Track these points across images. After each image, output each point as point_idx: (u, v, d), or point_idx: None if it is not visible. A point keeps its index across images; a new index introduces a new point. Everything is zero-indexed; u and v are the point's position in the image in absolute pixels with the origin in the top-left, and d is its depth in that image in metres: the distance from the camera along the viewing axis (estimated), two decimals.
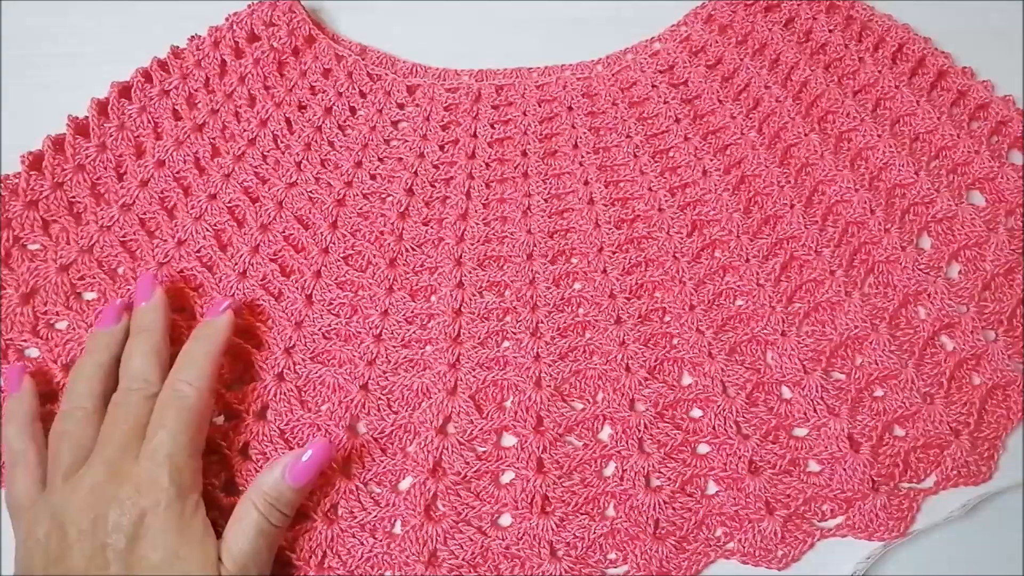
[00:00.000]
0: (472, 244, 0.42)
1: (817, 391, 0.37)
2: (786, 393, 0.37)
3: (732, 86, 0.47)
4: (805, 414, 0.36)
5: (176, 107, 0.46)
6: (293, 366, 0.38)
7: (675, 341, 0.39)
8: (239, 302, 0.40)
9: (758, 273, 0.40)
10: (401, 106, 0.47)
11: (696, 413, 0.37)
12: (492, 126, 0.46)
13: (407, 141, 0.46)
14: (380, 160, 0.45)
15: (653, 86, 0.47)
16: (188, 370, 0.34)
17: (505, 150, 0.45)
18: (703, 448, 0.36)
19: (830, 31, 0.48)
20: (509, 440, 0.37)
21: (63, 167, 0.43)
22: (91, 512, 0.30)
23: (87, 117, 0.44)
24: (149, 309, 0.37)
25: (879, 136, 0.44)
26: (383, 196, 0.44)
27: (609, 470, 0.36)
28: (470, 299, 0.40)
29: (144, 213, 0.42)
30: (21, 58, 0.49)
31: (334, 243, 0.42)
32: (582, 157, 0.45)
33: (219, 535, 0.32)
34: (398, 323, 0.39)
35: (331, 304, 0.40)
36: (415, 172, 0.44)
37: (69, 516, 0.30)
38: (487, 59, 0.49)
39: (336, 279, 0.41)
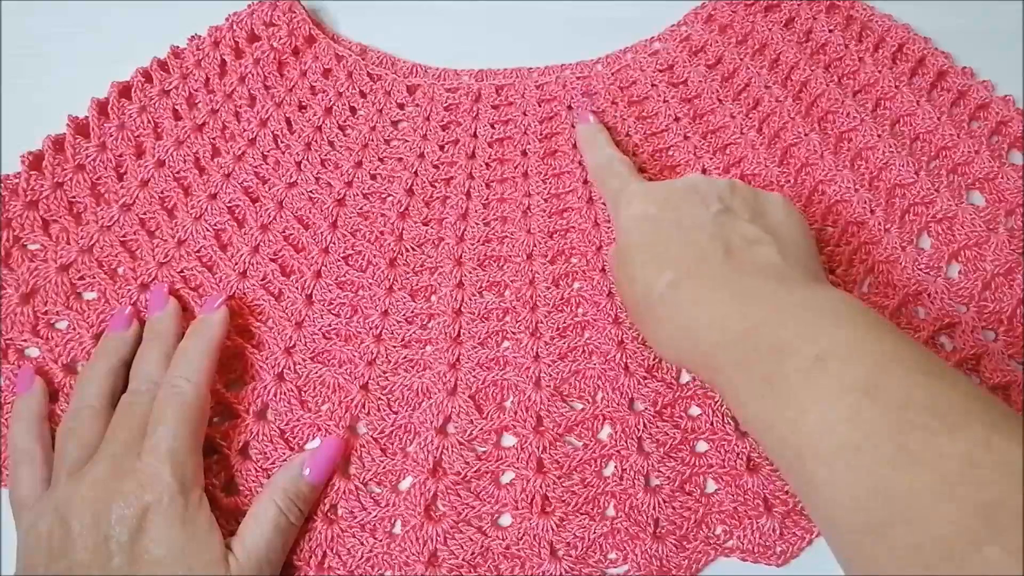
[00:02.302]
0: (472, 244, 0.42)
1: None
2: None
3: (732, 86, 0.47)
4: None
5: (176, 107, 0.46)
6: (293, 366, 0.38)
7: None
8: (235, 298, 0.40)
9: None
10: (401, 106, 0.47)
11: (695, 411, 0.37)
12: (492, 126, 0.46)
13: (407, 141, 0.46)
14: (380, 160, 0.45)
15: (653, 85, 0.47)
16: (184, 366, 0.35)
17: (505, 150, 0.45)
18: (702, 446, 0.36)
19: (830, 31, 0.48)
20: (509, 440, 0.37)
21: (63, 167, 0.43)
22: (94, 506, 0.30)
23: (87, 117, 0.44)
24: (163, 318, 0.38)
25: (879, 136, 0.44)
26: (383, 196, 0.44)
27: (609, 470, 0.36)
28: (470, 299, 0.40)
29: (144, 213, 0.42)
30: (21, 58, 0.49)
31: (334, 243, 0.42)
32: (582, 157, 0.45)
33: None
34: (398, 323, 0.39)
35: (331, 304, 0.40)
36: (415, 172, 0.44)
37: (72, 510, 0.30)
38: (487, 59, 0.49)
39: (336, 279, 0.41)
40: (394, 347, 0.39)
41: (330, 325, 0.39)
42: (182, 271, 0.41)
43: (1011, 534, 0.21)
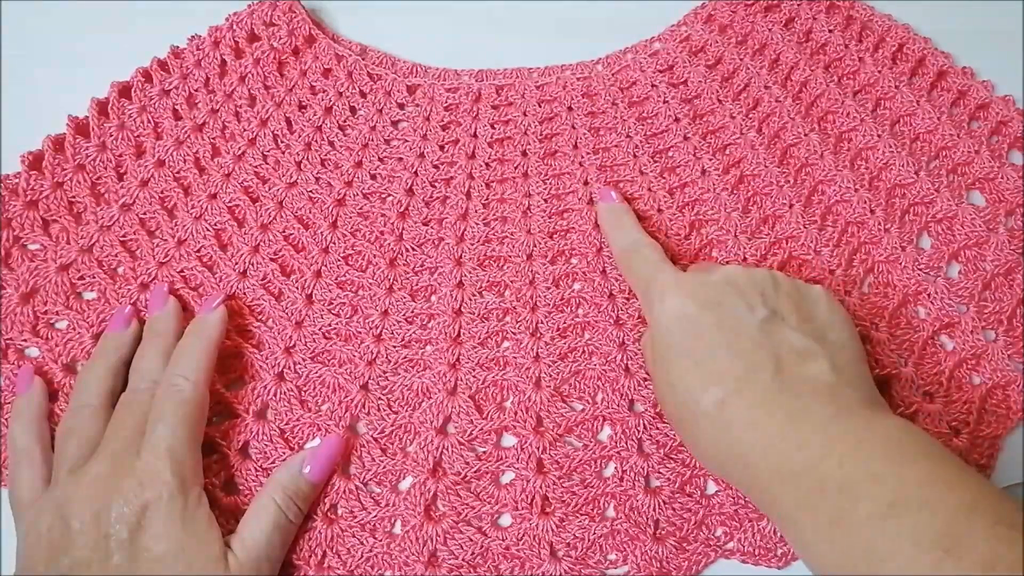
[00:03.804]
0: (472, 244, 0.42)
1: None
2: None
3: (732, 86, 0.47)
4: None
5: (176, 107, 0.46)
6: (293, 366, 0.38)
7: None
8: (234, 298, 0.40)
9: None
10: (401, 106, 0.47)
11: None
12: (492, 126, 0.46)
13: (407, 141, 0.46)
14: (380, 160, 0.45)
15: (653, 86, 0.47)
16: (183, 365, 0.35)
17: (505, 150, 0.45)
18: None
19: (830, 31, 0.48)
20: (509, 440, 0.37)
21: (63, 167, 0.43)
22: (94, 504, 0.30)
23: (87, 117, 0.44)
24: (163, 317, 0.38)
25: (879, 136, 0.44)
26: (383, 196, 0.44)
27: (609, 471, 0.36)
28: (470, 299, 0.40)
29: (144, 213, 0.42)
30: (21, 58, 0.49)
31: (334, 243, 0.42)
32: (582, 157, 0.45)
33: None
34: (398, 323, 0.39)
35: (331, 304, 0.40)
36: (415, 172, 0.44)
37: (72, 508, 0.30)
38: (487, 59, 0.49)
39: (336, 279, 0.41)
40: (394, 347, 0.39)
41: (330, 325, 0.39)
42: (182, 271, 0.41)
43: None
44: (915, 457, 0.27)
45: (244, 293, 0.40)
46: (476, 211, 0.43)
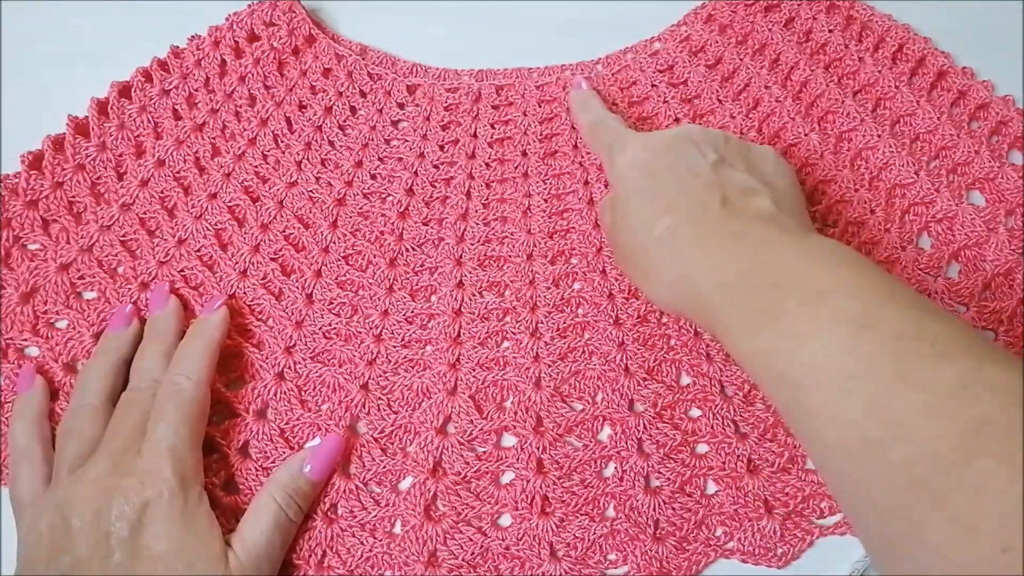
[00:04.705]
0: (472, 244, 0.42)
1: None
2: None
3: (732, 86, 0.47)
4: None
5: (176, 107, 0.46)
6: (293, 365, 0.38)
7: (672, 342, 0.38)
8: (235, 297, 0.40)
9: None
10: (401, 106, 0.47)
11: (695, 413, 0.37)
12: (492, 126, 0.46)
13: (407, 141, 0.46)
14: (380, 160, 0.45)
15: (653, 85, 0.47)
16: (185, 364, 0.35)
17: (505, 150, 0.45)
18: (702, 448, 0.36)
19: (830, 31, 0.48)
20: (509, 440, 0.37)
21: (63, 167, 0.43)
22: (95, 502, 0.30)
23: (87, 117, 0.44)
24: (164, 316, 0.38)
25: (879, 136, 0.44)
26: (383, 196, 0.44)
27: (609, 471, 0.36)
28: (470, 299, 0.40)
29: (144, 212, 0.42)
30: (21, 58, 0.49)
31: (334, 242, 0.42)
32: (582, 157, 0.45)
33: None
34: (398, 323, 0.39)
35: (331, 303, 0.40)
36: (415, 172, 0.44)
37: (73, 507, 0.30)
38: (487, 59, 0.49)
39: (336, 278, 0.41)
40: (394, 347, 0.39)
41: (330, 324, 0.39)
42: (182, 270, 0.41)
43: (1001, 447, 0.22)
44: (846, 261, 0.29)
45: (244, 292, 0.40)
46: (476, 211, 0.43)
